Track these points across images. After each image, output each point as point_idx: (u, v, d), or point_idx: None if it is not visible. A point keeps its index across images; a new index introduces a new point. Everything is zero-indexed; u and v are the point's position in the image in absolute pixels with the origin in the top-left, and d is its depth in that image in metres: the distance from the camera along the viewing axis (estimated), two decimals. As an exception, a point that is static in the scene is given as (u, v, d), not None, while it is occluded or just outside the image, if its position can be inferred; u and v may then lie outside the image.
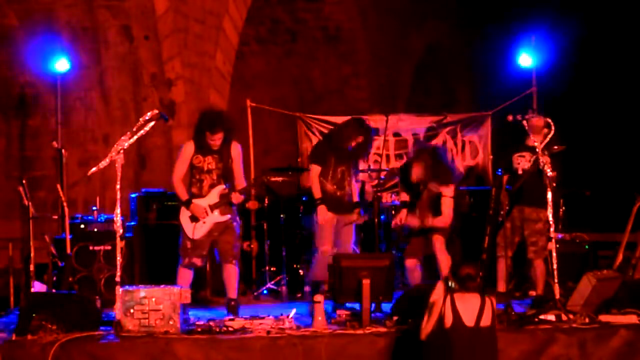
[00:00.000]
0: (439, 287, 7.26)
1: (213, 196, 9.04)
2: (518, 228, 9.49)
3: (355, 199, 9.76)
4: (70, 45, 11.64)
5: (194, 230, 9.02)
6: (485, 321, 7.12)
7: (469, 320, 7.08)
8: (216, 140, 8.96)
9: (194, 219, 9.03)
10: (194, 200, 9.02)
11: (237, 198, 9.04)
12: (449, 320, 7.08)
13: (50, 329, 7.91)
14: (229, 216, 9.07)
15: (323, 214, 9.54)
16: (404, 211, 9.50)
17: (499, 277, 9.53)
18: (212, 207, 9.02)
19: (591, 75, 14.77)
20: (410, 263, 9.50)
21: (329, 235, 9.59)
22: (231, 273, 9.15)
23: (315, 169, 9.65)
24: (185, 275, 9.07)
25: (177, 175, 9.12)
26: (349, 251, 9.67)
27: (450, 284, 7.19)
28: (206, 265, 10.24)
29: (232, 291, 9.15)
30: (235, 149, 9.12)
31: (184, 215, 9.06)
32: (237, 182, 9.12)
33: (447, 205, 9.38)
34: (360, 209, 9.78)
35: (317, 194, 9.58)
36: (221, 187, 9.05)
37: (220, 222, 9.05)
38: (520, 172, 9.42)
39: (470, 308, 7.11)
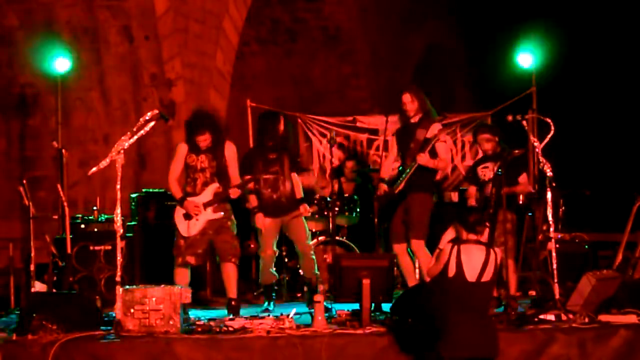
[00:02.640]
0: (447, 236, 7.47)
1: (207, 194, 9.08)
2: None
3: (300, 195, 9.63)
4: (70, 45, 11.65)
5: (187, 228, 9.06)
6: (487, 277, 7.30)
7: (471, 275, 7.25)
8: (201, 141, 9.03)
9: (187, 216, 9.07)
10: (188, 199, 9.05)
11: (234, 192, 9.10)
12: (452, 271, 7.26)
13: (50, 329, 7.92)
14: (221, 214, 9.09)
15: (260, 221, 9.49)
16: (382, 184, 9.50)
17: None
18: (206, 205, 9.06)
19: (591, 75, 14.77)
20: (399, 249, 9.43)
21: (269, 240, 9.54)
22: (230, 272, 9.16)
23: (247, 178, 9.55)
24: (182, 275, 9.07)
25: (172, 176, 9.18)
26: (306, 247, 9.60)
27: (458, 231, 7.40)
28: (206, 265, 10.26)
29: (233, 290, 9.16)
30: (229, 149, 9.17)
31: (178, 213, 9.11)
32: (233, 180, 9.16)
33: (442, 148, 9.40)
34: (305, 204, 9.67)
35: (253, 202, 9.52)
36: (215, 185, 9.09)
37: (213, 219, 9.07)
38: (487, 180, 9.39)
39: (474, 263, 7.27)
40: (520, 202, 9.45)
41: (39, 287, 9.56)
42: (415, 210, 9.34)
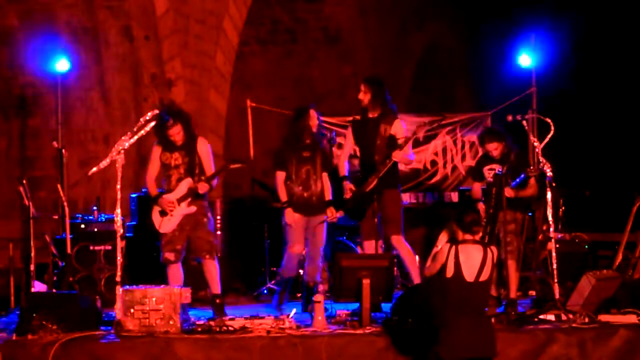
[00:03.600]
0: (443, 236, 7.49)
1: (181, 189, 9.11)
2: None
3: (329, 196, 9.61)
4: (70, 45, 11.65)
5: (163, 224, 9.07)
6: (485, 276, 7.31)
7: (469, 275, 7.27)
8: (174, 134, 9.04)
9: (162, 213, 9.09)
10: (163, 196, 9.07)
11: (202, 187, 9.10)
12: (450, 272, 7.27)
13: (50, 329, 7.93)
14: (195, 208, 9.09)
15: (290, 216, 9.45)
16: (347, 182, 9.50)
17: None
18: (180, 200, 9.07)
19: (591, 75, 14.75)
20: (369, 245, 9.44)
21: (298, 236, 9.50)
22: (210, 269, 9.17)
23: (280, 175, 9.56)
24: (170, 273, 9.08)
25: (148, 176, 9.26)
26: (318, 252, 9.59)
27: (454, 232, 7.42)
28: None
29: (215, 286, 9.18)
30: (202, 145, 9.20)
31: (155, 211, 9.13)
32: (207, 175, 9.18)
33: (407, 143, 9.42)
34: (332, 207, 9.61)
35: (283, 197, 9.51)
36: (189, 181, 9.10)
37: (188, 214, 9.08)
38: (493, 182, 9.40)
39: (472, 262, 7.29)
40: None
41: (39, 287, 9.56)
42: (391, 206, 9.39)
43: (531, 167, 9.20)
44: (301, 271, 10.09)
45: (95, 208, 10.47)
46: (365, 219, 9.48)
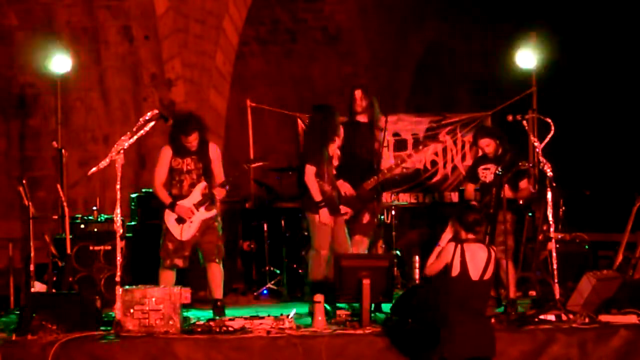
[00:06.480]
0: (447, 234, 7.57)
1: (196, 195, 9.05)
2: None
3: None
4: (70, 45, 11.64)
5: (182, 232, 9.01)
6: (488, 275, 7.40)
7: (474, 274, 7.34)
8: (192, 141, 8.99)
9: (180, 220, 9.02)
10: (178, 202, 9.02)
11: (219, 192, 9.06)
12: (455, 271, 7.33)
13: (50, 329, 7.93)
14: (214, 211, 9.07)
15: (325, 218, 9.27)
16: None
17: None
18: (197, 206, 9.03)
19: (591, 75, 14.78)
20: (359, 242, 9.58)
21: (328, 238, 9.36)
22: (216, 273, 9.12)
23: (311, 170, 9.32)
24: (167, 277, 9.01)
25: (158, 181, 9.11)
26: (347, 250, 9.46)
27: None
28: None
29: (218, 291, 9.12)
30: (213, 150, 9.15)
31: (170, 218, 9.04)
32: (218, 181, 9.13)
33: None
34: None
35: (317, 196, 9.27)
36: (203, 185, 9.05)
37: (207, 218, 9.03)
38: (488, 182, 9.41)
39: (477, 261, 7.36)
40: (520, 202, 9.46)
41: (39, 287, 9.56)
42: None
43: (524, 162, 9.23)
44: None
45: (95, 208, 10.46)
46: (356, 216, 9.54)
